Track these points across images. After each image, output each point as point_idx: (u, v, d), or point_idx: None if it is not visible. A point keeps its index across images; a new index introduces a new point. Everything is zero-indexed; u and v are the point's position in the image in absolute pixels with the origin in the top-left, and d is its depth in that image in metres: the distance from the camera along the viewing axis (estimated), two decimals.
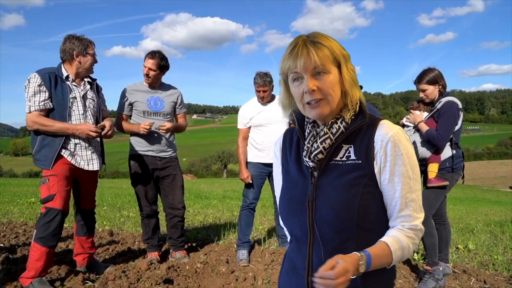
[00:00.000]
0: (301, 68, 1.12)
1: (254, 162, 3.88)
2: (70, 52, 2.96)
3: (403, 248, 1.12)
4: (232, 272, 3.38)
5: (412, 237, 1.15)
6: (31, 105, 2.82)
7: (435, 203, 3.20)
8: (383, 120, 1.19)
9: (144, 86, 3.70)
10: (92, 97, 3.10)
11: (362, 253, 1.05)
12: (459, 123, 3.16)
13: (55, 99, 2.88)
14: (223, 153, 70.41)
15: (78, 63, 2.98)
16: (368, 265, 1.05)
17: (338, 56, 1.14)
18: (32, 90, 2.81)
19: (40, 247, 2.76)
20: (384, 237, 1.14)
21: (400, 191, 1.14)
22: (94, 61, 3.09)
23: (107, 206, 8.13)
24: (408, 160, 1.14)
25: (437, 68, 3.23)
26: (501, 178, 46.52)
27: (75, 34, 3.07)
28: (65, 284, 3.00)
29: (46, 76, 2.85)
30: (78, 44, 2.98)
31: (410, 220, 1.15)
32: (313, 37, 1.15)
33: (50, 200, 2.78)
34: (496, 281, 3.39)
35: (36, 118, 2.81)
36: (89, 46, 3.04)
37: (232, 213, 7.45)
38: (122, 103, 3.69)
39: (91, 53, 3.04)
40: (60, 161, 2.87)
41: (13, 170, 64.44)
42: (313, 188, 1.17)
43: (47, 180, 2.81)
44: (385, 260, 1.10)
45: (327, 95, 1.13)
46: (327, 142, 1.17)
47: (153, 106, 3.66)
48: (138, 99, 3.64)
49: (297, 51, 1.12)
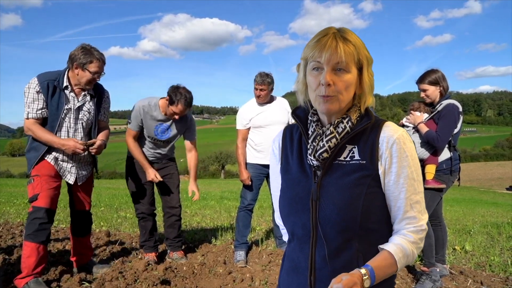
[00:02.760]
0: (325, 60, 1.11)
1: (252, 163, 3.88)
2: (72, 61, 2.90)
3: (407, 256, 1.12)
4: (229, 273, 3.38)
5: (416, 242, 1.15)
6: (29, 111, 2.82)
7: (431, 204, 3.21)
8: (388, 122, 1.20)
9: (159, 113, 3.53)
10: (88, 109, 3.04)
11: (365, 268, 1.06)
12: (458, 126, 3.17)
13: (49, 108, 2.88)
14: (221, 154, 70.40)
15: (76, 75, 2.92)
16: (373, 279, 1.05)
17: (362, 58, 1.14)
18: (32, 96, 2.81)
19: (30, 243, 2.77)
20: (387, 246, 1.13)
21: (405, 193, 1.14)
22: (92, 79, 2.93)
23: (104, 206, 8.11)
24: (412, 162, 1.15)
25: (440, 70, 3.25)
26: (497, 179, 46.67)
27: (89, 45, 2.94)
28: (61, 285, 2.99)
29: (44, 84, 2.83)
30: (81, 56, 2.86)
31: (415, 222, 1.15)
32: (343, 32, 1.15)
33: (35, 200, 2.81)
34: (493, 282, 3.40)
35: (31, 126, 2.84)
36: (92, 63, 2.88)
37: (230, 214, 7.45)
38: (133, 121, 3.55)
39: (91, 71, 2.88)
40: (45, 161, 2.91)
41: (10, 170, 64.22)
42: (317, 187, 1.17)
43: (32, 180, 2.86)
44: (390, 270, 1.10)
45: (339, 93, 1.13)
46: (333, 141, 1.17)
47: (159, 134, 3.60)
48: (148, 124, 3.54)
49: (325, 42, 1.12)
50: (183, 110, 3.40)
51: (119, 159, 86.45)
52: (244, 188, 3.92)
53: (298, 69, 1.24)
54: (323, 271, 1.17)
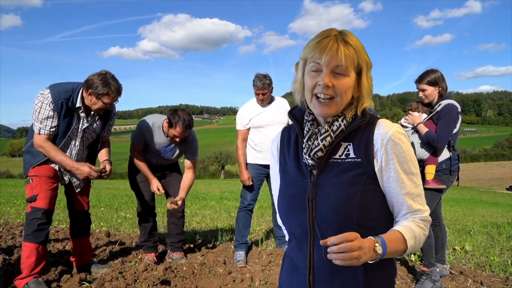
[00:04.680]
0: (325, 62, 1.11)
1: (252, 164, 3.88)
2: (88, 87, 2.83)
3: (415, 237, 1.12)
4: (229, 273, 3.38)
5: (423, 228, 1.16)
6: (41, 127, 2.80)
7: (431, 204, 3.21)
8: (382, 119, 1.20)
9: (163, 136, 3.56)
10: (94, 129, 3.07)
11: (377, 238, 1.05)
12: (457, 126, 3.17)
13: (60, 127, 2.88)
14: (221, 154, 70.32)
15: (89, 101, 2.89)
16: (384, 247, 1.04)
17: (362, 62, 1.15)
18: (46, 114, 2.79)
19: (29, 244, 2.78)
20: (396, 227, 1.14)
21: (406, 188, 1.14)
22: (104, 108, 2.94)
23: (104, 207, 8.11)
24: (409, 156, 1.15)
25: (440, 71, 3.25)
26: (497, 179, 46.69)
27: (109, 74, 2.87)
28: (61, 285, 2.99)
29: (59, 103, 2.80)
30: (99, 85, 2.80)
31: (420, 213, 1.16)
32: (345, 35, 1.15)
33: (33, 200, 2.82)
34: (493, 282, 3.40)
35: (43, 143, 2.83)
36: (108, 95, 2.84)
37: (230, 214, 7.45)
38: (138, 138, 3.58)
39: (105, 101, 2.87)
40: (44, 162, 2.92)
41: (10, 171, 64.12)
42: (313, 186, 1.17)
43: (30, 181, 2.87)
44: (400, 246, 1.09)
45: (338, 96, 1.13)
46: (327, 140, 1.17)
47: (163, 153, 3.65)
48: (152, 143, 3.56)
49: (326, 44, 1.12)
50: (181, 132, 3.41)
51: (119, 160, 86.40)
52: (244, 188, 3.92)
53: (296, 68, 1.23)
54: (322, 271, 1.17)
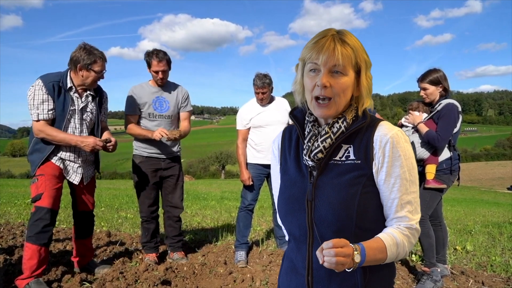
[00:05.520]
0: (322, 62, 1.11)
1: (252, 163, 3.88)
2: (75, 63, 2.89)
3: (398, 244, 1.12)
4: (230, 273, 3.38)
5: (408, 235, 1.15)
6: (39, 112, 2.80)
7: (432, 204, 3.20)
8: (383, 121, 1.19)
9: (150, 87, 3.64)
10: (91, 110, 3.07)
11: (356, 245, 1.04)
12: (458, 125, 3.17)
13: (56, 110, 2.88)
14: (221, 154, 70.27)
15: (81, 76, 2.92)
16: (363, 256, 1.03)
17: (360, 61, 1.14)
18: (41, 98, 2.80)
19: (32, 245, 2.77)
20: (379, 234, 1.14)
21: (396, 193, 1.14)
22: (98, 78, 2.97)
23: (104, 207, 8.11)
24: (405, 162, 1.14)
25: (442, 70, 3.24)
26: (498, 179, 46.59)
27: (88, 45, 2.93)
28: (62, 285, 2.99)
29: (50, 86, 2.82)
30: (85, 57, 2.86)
31: (406, 221, 1.15)
32: (342, 34, 1.15)
33: (38, 199, 2.80)
34: (494, 282, 3.39)
35: (43, 127, 2.82)
36: (96, 62, 2.90)
37: (230, 214, 7.44)
38: (130, 105, 3.60)
39: (96, 70, 2.92)
40: (50, 162, 2.90)
41: (11, 171, 64.18)
42: (312, 187, 1.17)
43: (36, 180, 2.86)
44: (380, 255, 1.09)
45: (336, 96, 1.13)
46: (328, 142, 1.17)
47: (158, 108, 3.62)
48: (144, 100, 3.59)
49: (323, 44, 1.12)
50: (159, 62, 3.47)
51: (120, 160, 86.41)
52: (244, 188, 3.92)
53: (296, 69, 1.24)
54: (321, 272, 1.17)
